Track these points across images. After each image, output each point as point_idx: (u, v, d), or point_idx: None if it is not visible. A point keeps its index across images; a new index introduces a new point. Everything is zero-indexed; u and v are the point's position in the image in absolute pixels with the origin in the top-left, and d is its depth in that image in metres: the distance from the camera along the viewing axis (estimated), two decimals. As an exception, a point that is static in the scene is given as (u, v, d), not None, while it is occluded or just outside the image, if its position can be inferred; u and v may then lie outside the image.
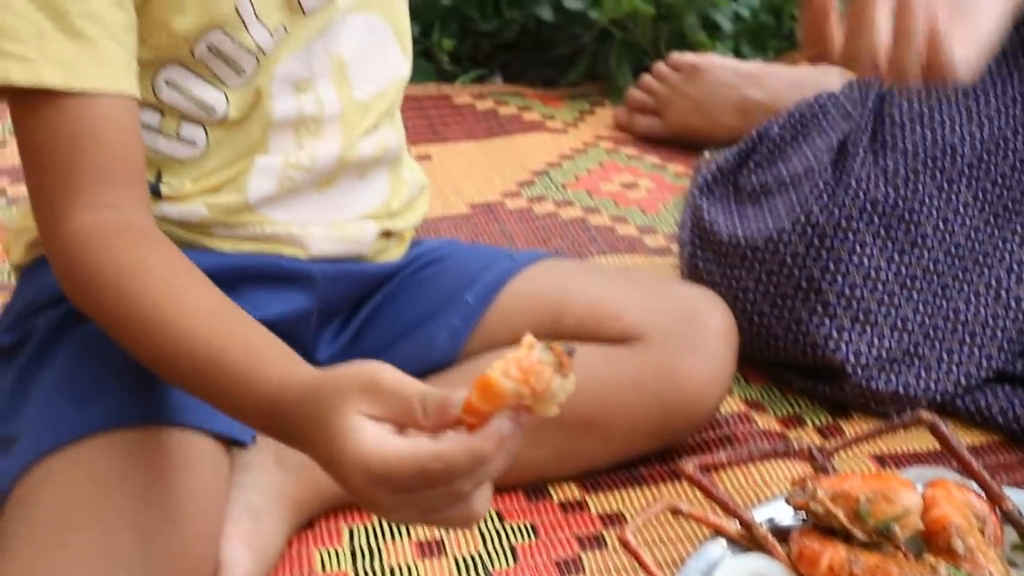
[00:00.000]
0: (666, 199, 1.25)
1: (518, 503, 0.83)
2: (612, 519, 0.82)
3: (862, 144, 0.93)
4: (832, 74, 1.21)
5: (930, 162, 0.91)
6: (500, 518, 0.82)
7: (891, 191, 0.90)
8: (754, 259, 0.94)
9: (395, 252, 0.86)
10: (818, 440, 0.90)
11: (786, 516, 0.73)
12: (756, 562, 0.71)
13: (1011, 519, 0.72)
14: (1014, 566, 0.71)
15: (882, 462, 0.88)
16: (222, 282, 0.68)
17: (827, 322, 0.91)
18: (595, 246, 1.16)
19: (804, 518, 0.72)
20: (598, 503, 0.84)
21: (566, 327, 0.83)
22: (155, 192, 0.76)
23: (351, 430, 0.57)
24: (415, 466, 0.55)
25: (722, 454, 0.81)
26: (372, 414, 0.57)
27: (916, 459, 0.87)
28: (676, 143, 1.35)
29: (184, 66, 0.74)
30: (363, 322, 0.85)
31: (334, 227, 0.81)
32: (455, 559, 0.78)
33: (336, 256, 0.81)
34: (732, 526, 0.72)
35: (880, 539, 0.69)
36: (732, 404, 0.93)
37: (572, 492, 0.84)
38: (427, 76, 1.49)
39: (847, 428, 0.92)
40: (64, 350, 0.74)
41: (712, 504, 0.74)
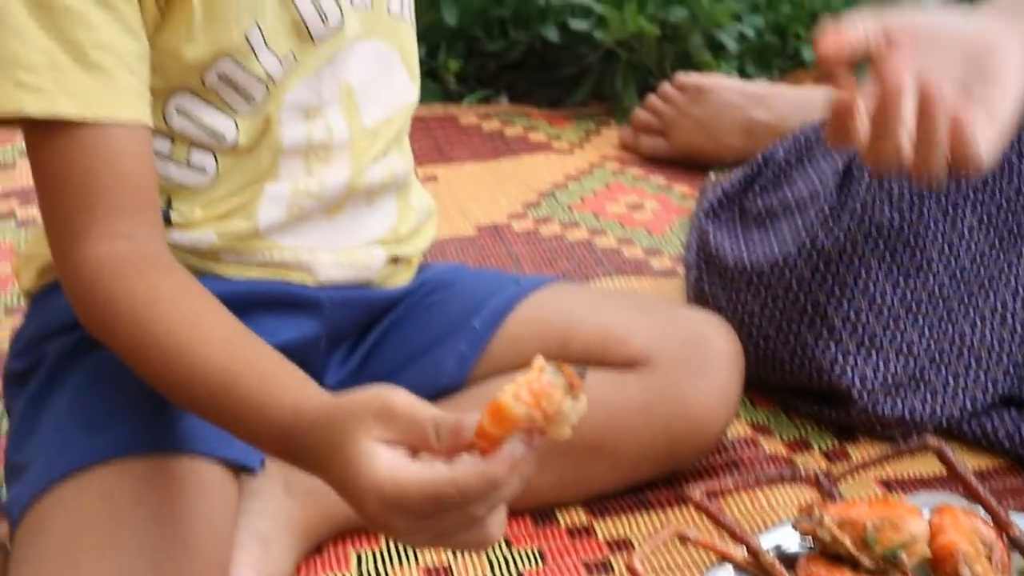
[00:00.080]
0: (672, 220, 1.26)
1: (525, 528, 0.83)
2: (619, 545, 0.82)
3: (866, 168, 0.93)
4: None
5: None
6: (507, 544, 0.82)
7: (896, 215, 0.91)
8: (760, 284, 0.94)
9: (403, 277, 0.87)
10: (824, 464, 0.91)
11: (793, 542, 0.74)
12: (763, 589, 0.71)
13: (1018, 546, 0.72)
14: (1021, 593, 0.71)
15: (889, 487, 0.88)
16: (231, 309, 0.68)
17: (833, 346, 0.91)
18: (601, 268, 1.17)
19: (811, 545, 0.73)
20: (605, 528, 0.84)
21: (573, 352, 0.83)
22: (165, 219, 0.76)
23: (365, 455, 0.57)
24: (429, 491, 0.56)
25: (729, 480, 0.82)
26: (386, 438, 0.58)
27: (923, 484, 0.88)
28: (681, 163, 1.36)
29: (194, 94, 0.75)
30: (371, 347, 0.85)
31: (342, 253, 0.81)
32: (463, 585, 0.79)
33: (344, 282, 0.82)
34: (739, 553, 0.73)
35: (887, 566, 0.69)
36: (738, 428, 0.94)
37: (579, 517, 0.85)
38: (433, 97, 1.50)
39: (854, 452, 0.92)
40: (75, 377, 0.74)
41: (719, 530, 0.74)
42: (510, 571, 0.80)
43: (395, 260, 0.85)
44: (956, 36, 0.76)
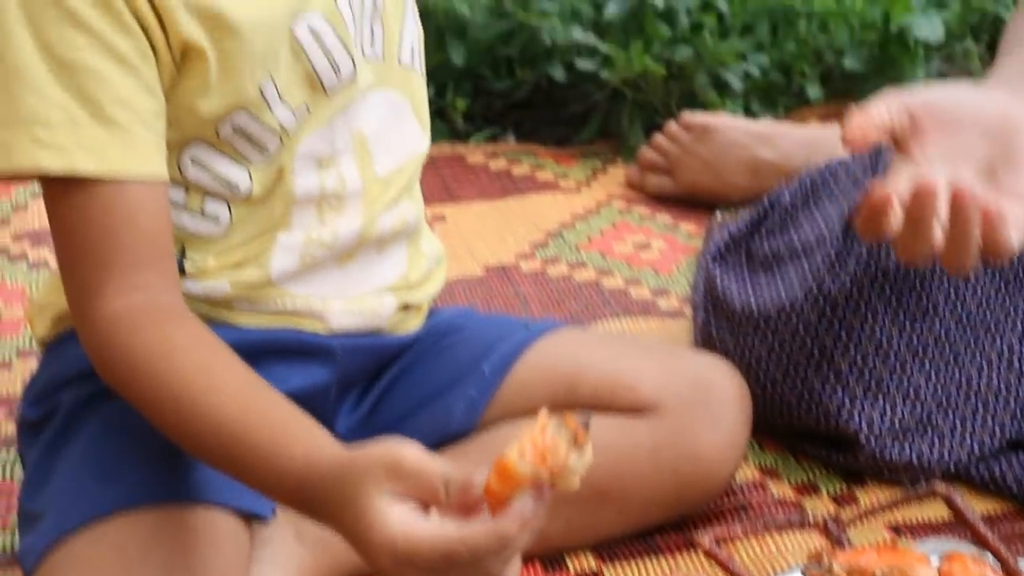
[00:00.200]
0: (679, 260, 1.27)
1: (535, 574, 0.84)
2: (629, 590, 0.83)
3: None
4: (842, 135, 1.23)
5: (940, 231, 0.92)
6: (518, 590, 0.82)
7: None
8: (767, 328, 0.95)
9: (413, 323, 0.87)
10: (833, 508, 0.91)
11: (802, 591, 0.74)
12: (773, 638, 0.71)
13: (1027, 594, 0.73)
14: (1030, 642, 0.72)
15: (898, 531, 0.88)
16: (243, 357, 0.69)
17: (839, 391, 0.91)
18: (609, 309, 1.17)
19: (820, 593, 0.73)
20: (615, 574, 0.84)
21: (581, 398, 0.84)
22: (179, 268, 0.77)
23: (377, 511, 0.58)
24: (441, 550, 0.57)
25: (737, 526, 0.82)
26: (396, 492, 0.59)
27: (932, 529, 0.88)
28: (687, 202, 1.37)
29: (209, 145, 0.75)
30: (381, 393, 0.86)
31: (353, 301, 0.82)
32: (473, 632, 0.79)
33: (355, 330, 0.82)
34: (749, 601, 0.73)
35: (897, 615, 0.70)
36: (747, 472, 0.94)
37: (589, 562, 0.85)
38: (441, 135, 1.51)
39: (862, 496, 0.92)
40: (90, 426, 0.75)
41: (729, 578, 0.74)
42: (520, 618, 0.80)
43: (406, 307, 0.86)
44: (976, 115, 0.77)
